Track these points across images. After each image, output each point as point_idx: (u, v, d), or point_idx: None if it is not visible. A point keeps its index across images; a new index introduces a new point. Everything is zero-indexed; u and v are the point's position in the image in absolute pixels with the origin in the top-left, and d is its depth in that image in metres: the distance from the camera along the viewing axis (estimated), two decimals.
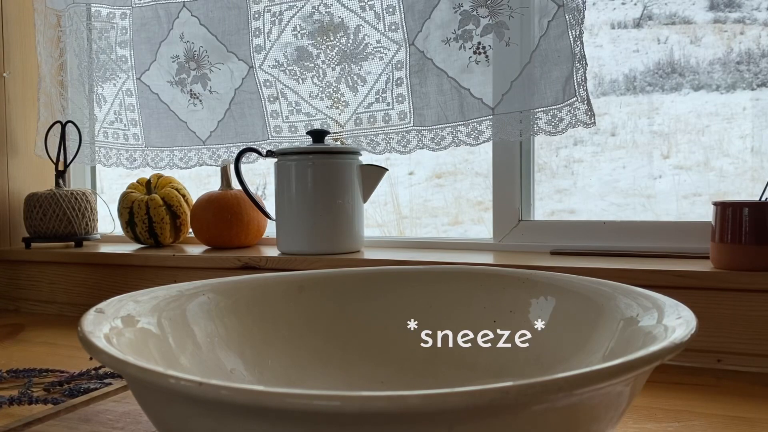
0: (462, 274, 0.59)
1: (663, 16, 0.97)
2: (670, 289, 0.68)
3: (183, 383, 0.27)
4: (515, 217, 0.98)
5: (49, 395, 0.64)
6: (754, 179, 0.92)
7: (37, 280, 1.17)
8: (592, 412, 0.30)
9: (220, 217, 1.07)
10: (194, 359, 0.47)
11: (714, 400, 0.58)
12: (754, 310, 0.69)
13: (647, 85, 0.98)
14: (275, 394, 0.25)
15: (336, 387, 0.52)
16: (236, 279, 0.57)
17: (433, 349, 0.56)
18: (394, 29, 0.97)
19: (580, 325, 0.49)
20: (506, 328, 0.54)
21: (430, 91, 0.95)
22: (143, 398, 0.35)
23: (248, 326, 0.53)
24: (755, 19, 0.92)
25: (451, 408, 0.25)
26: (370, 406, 0.25)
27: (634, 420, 0.53)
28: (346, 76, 1.01)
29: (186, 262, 1.02)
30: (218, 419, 0.29)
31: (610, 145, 1.01)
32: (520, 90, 0.89)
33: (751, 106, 0.92)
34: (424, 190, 1.17)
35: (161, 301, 0.49)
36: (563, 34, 0.85)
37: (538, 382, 0.26)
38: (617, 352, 0.42)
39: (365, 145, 1.02)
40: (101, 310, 0.42)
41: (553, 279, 0.54)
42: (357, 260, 0.90)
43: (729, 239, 0.71)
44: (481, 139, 0.93)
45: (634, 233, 0.90)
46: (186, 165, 1.19)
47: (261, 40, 1.07)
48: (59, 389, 0.66)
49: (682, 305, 0.41)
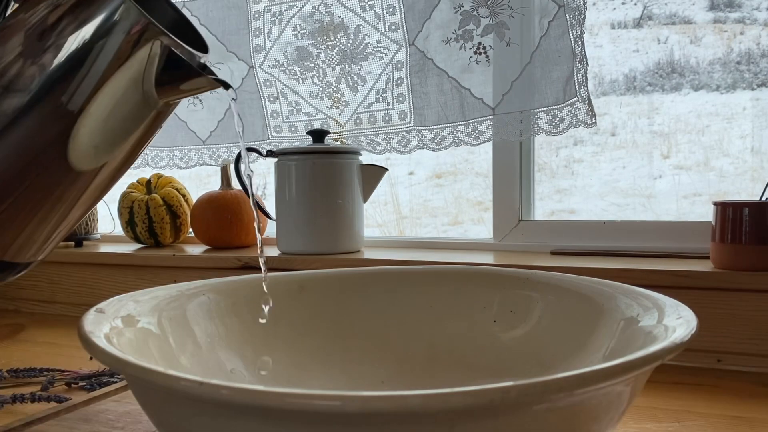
0: (462, 274, 0.59)
1: (663, 16, 0.97)
2: (670, 289, 0.68)
3: (183, 383, 0.27)
4: (515, 217, 0.98)
5: (71, 390, 0.66)
6: (754, 179, 0.92)
7: (37, 280, 1.17)
8: (593, 412, 0.30)
9: (220, 217, 1.07)
10: (194, 359, 0.48)
11: (714, 400, 0.58)
12: (754, 310, 0.69)
13: (647, 85, 0.98)
14: (275, 394, 0.25)
15: (336, 387, 0.52)
16: (236, 279, 0.57)
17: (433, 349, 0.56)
18: (394, 29, 0.97)
19: (580, 325, 0.49)
20: (506, 328, 0.54)
21: (431, 91, 0.95)
22: (143, 398, 0.35)
23: (248, 326, 0.53)
24: (755, 19, 0.92)
25: (451, 408, 0.25)
26: (370, 406, 0.25)
27: (634, 420, 0.53)
28: (347, 75, 1.01)
29: (186, 262, 1.02)
30: (218, 419, 0.29)
31: (610, 145, 1.01)
32: (520, 90, 0.89)
33: (751, 106, 0.92)
34: (424, 190, 1.17)
35: (161, 301, 0.49)
36: (564, 35, 0.85)
37: (538, 382, 0.26)
38: (617, 352, 0.42)
39: (365, 145, 1.02)
40: (101, 310, 0.42)
41: (553, 279, 0.54)
42: (357, 260, 0.90)
43: (729, 239, 0.71)
44: (481, 139, 0.93)
45: (634, 233, 0.90)
46: (186, 165, 1.18)
47: (261, 40, 1.07)
48: (79, 385, 0.68)
49: (682, 305, 0.41)
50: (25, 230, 0.45)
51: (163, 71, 0.43)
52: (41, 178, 0.43)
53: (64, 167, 0.43)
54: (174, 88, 0.44)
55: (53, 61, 0.41)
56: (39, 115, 0.41)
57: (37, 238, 0.47)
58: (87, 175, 0.45)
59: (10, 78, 0.41)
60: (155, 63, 0.42)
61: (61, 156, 0.42)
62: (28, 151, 0.42)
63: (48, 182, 0.43)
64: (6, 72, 0.41)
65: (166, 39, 0.42)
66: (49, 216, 0.45)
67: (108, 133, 0.44)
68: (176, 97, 0.45)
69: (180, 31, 0.47)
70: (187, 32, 0.48)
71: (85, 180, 0.45)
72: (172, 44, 0.42)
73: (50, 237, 0.48)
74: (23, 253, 0.47)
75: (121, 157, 0.46)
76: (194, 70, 0.43)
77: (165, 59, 0.42)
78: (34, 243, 0.47)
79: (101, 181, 0.46)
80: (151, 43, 0.41)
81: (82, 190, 0.46)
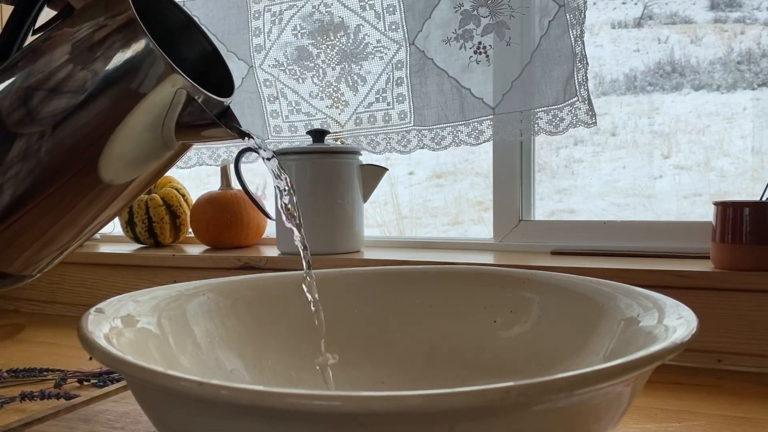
0: (462, 274, 0.59)
1: (663, 15, 0.97)
2: (670, 289, 0.68)
3: (183, 383, 0.27)
4: (515, 217, 0.98)
5: (83, 388, 0.66)
6: (754, 179, 0.92)
7: (36, 280, 1.16)
8: (593, 413, 0.30)
9: (220, 217, 1.07)
10: (194, 359, 0.47)
11: (715, 401, 0.58)
12: (754, 310, 0.69)
13: (648, 85, 0.98)
14: (275, 394, 0.25)
15: (336, 387, 0.52)
16: (236, 279, 0.57)
17: (433, 349, 0.56)
18: (394, 29, 0.97)
19: (580, 325, 0.49)
20: (506, 328, 0.54)
21: (431, 91, 0.95)
22: (143, 398, 0.35)
23: (248, 326, 0.53)
24: (756, 19, 0.92)
25: (451, 408, 0.25)
26: (370, 406, 0.25)
27: (634, 420, 0.53)
28: (346, 75, 1.01)
29: (186, 262, 1.02)
30: (218, 419, 0.29)
31: (610, 145, 1.01)
32: (520, 90, 0.89)
33: (752, 105, 0.92)
34: (424, 190, 1.17)
35: (161, 301, 0.49)
36: (564, 34, 0.84)
37: (538, 382, 0.26)
38: (618, 353, 0.42)
39: (365, 144, 1.02)
40: (101, 310, 0.42)
41: (554, 279, 0.54)
42: (357, 260, 0.90)
43: (730, 239, 0.71)
44: (481, 138, 0.93)
45: (634, 233, 0.90)
46: (186, 165, 1.18)
47: (261, 40, 1.07)
48: (91, 382, 0.68)
49: (682, 305, 0.41)
50: (32, 246, 0.46)
51: (183, 116, 0.43)
52: (64, 188, 0.43)
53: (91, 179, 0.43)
54: (193, 134, 0.44)
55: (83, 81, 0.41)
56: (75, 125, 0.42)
57: (42, 254, 0.47)
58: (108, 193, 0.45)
59: (58, 81, 0.41)
60: (177, 110, 0.42)
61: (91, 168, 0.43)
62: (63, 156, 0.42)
63: (70, 193, 0.44)
64: (53, 76, 0.41)
65: (191, 88, 0.42)
66: (58, 234, 0.46)
67: (122, 169, 0.44)
68: (194, 141, 0.46)
69: (209, 63, 0.48)
70: (216, 65, 0.48)
71: (102, 200, 0.45)
72: (195, 93, 0.43)
73: (54, 255, 0.48)
74: (28, 268, 0.48)
75: (133, 189, 0.47)
76: (215, 122, 0.43)
77: (188, 106, 0.43)
78: (39, 260, 0.48)
79: (113, 203, 0.47)
80: (176, 91, 0.42)
81: (97, 210, 0.46)
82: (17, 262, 0.47)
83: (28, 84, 0.42)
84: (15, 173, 0.42)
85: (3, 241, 0.44)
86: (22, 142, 0.42)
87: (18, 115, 0.41)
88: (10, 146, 0.42)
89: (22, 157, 0.42)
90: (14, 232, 0.44)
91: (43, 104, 0.41)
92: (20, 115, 0.41)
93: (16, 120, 0.41)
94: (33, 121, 0.41)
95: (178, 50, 0.47)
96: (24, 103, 0.41)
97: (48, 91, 0.41)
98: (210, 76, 0.47)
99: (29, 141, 0.42)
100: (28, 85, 0.42)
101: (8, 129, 0.42)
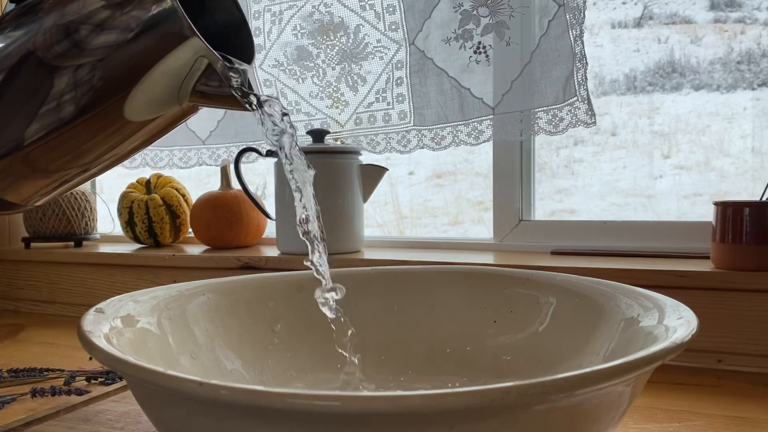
0: (462, 274, 0.59)
1: (663, 15, 0.97)
2: (670, 289, 0.68)
3: (183, 383, 0.27)
4: (515, 217, 0.98)
5: (90, 385, 0.66)
6: (754, 179, 0.92)
7: (36, 280, 1.17)
8: (593, 413, 0.30)
9: (219, 217, 1.07)
10: (194, 359, 0.47)
11: (715, 401, 0.58)
12: (754, 310, 0.69)
13: (648, 85, 0.98)
14: (275, 394, 0.25)
15: (336, 387, 0.52)
16: (236, 279, 0.57)
17: (433, 349, 0.56)
18: (394, 29, 0.97)
19: (580, 325, 0.49)
20: (506, 328, 0.54)
21: (431, 91, 0.95)
22: (143, 398, 0.35)
23: (248, 326, 0.53)
24: (756, 19, 0.92)
25: (451, 408, 0.25)
26: (370, 406, 0.25)
27: (634, 420, 0.53)
28: (346, 75, 1.01)
29: (186, 262, 1.02)
30: (218, 419, 0.29)
31: (610, 145, 1.01)
32: (520, 89, 0.89)
33: (752, 106, 0.92)
34: (424, 190, 1.17)
35: (161, 301, 0.49)
36: (564, 34, 0.84)
37: (539, 382, 0.26)
38: (618, 353, 0.42)
39: (365, 144, 1.02)
40: (101, 310, 0.42)
41: (554, 279, 0.54)
42: (357, 260, 0.90)
43: (730, 239, 0.71)
44: (481, 138, 0.93)
45: (634, 233, 0.90)
46: (185, 165, 1.18)
47: (261, 40, 1.07)
48: (99, 380, 0.68)
49: (682, 305, 0.41)
50: (39, 177, 0.47)
51: (201, 81, 0.45)
52: (91, 120, 0.44)
53: (115, 115, 0.45)
54: (207, 99, 0.46)
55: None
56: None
57: (44, 183, 0.49)
58: (125, 129, 0.47)
59: (101, 20, 0.43)
60: (196, 75, 0.44)
61: (118, 107, 0.44)
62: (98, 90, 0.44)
63: (92, 127, 0.45)
64: (87, 20, 0.43)
65: (212, 56, 0.44)
66: (65, 165, 0.47)
67: (144, 107, 0.46)
68: (206, 105, 0.48)
69: (235, 28, 0.50)
70: (240, 31, 0.50)
71: (116, 136, 0.47)
72: (216, 62, 0.44)
73: (53, 186, 0.49)
74: (21, 195, 0.49)
75: (140, 137, 0.48)
76: (231, 95, 0.45)
77: (207, 72, 0.44)
78: (39, 189, 0.49)
79: (121, 145, 0.48)
80: (197, 58, 0.44)
81: (109, 147, 0.47)
82: (22, 191, 0.48)
83: (64, 22, 0.43)
84: (48, 104, 0.43)
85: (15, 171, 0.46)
86: (60, 75, 0.43)
87: (59, 49, 0.43)
88: (45, 79, 0.43)
89: (58, 89, 0.43)
90: (26, 162, 0.45)
91: (86, 40, 0.43)
92: (61, 49, 0.43)
93: (56, 53, 0.43)
94: (73, 56, 0.43)
95: (211, 13, 0.49)
96: (66, 37, 0.43)
97: (88, 28, 0.43)
98: (232, 39, 0.49)
99: (70, 74, 0.43)
100: (64, 22, 0.43)
101: (47, 62, 0.43)
